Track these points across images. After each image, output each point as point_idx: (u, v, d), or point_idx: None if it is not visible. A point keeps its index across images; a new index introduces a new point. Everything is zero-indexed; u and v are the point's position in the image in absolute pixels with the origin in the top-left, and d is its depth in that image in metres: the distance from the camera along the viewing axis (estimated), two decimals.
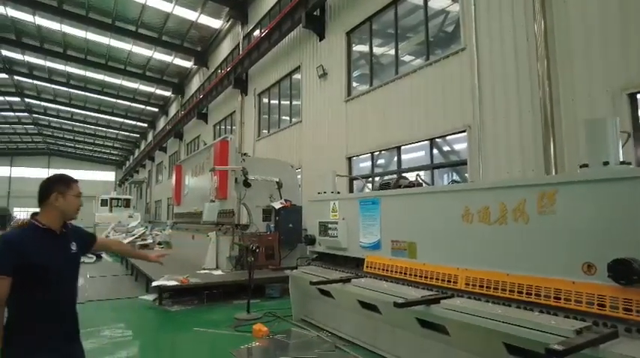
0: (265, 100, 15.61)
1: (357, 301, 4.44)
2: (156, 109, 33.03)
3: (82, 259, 9.06)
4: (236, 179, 8.75)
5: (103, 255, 15.43)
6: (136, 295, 7.76)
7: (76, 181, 2.40)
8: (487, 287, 3.25)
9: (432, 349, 3.69)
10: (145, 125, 37.87)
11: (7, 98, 34.08)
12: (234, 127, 17.94)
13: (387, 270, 4.36)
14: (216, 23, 19.69)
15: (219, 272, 8.10)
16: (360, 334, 4.68)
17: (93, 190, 46.09)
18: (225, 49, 19.72)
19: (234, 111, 17.91)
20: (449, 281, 3.61)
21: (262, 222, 9.12)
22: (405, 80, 8.42)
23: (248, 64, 15.49)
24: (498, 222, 3.27)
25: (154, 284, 6.83)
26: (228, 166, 8.56)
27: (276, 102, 14.70)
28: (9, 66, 27.41)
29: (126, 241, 16.98)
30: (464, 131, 7.09)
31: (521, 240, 3.08)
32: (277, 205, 9.09)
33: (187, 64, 24.25)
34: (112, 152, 53.12)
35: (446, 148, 7.94)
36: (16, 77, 29.36)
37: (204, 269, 8.48)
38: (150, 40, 21.29)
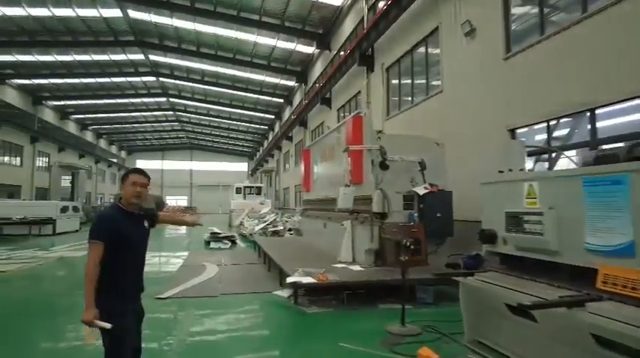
0: (395, 75, 14.12)
1: (591, 335, 2.85)
2: (281, 100, 33.86)
3: (219, 245, 11.93)
4: (373, 160, 7.54)
5: (237, 241, 15.84)
6: (270, 289, 7.12)
7: (135, 171, 2.94)
8: None
9: None
10: (272, 117, 39.36)
11: (156, 99, 38.47)
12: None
13: None
14: (337, 0, 18.73)
15: (357, 267, 7.02)
16: None
17: (228, 180, 50.46)
18: (347, 27, 18.66)
19: (359, 92, 16.79)
20: None
21: (403, 211, 7.80)
22: (602, 17, 6.14)
23: (375, 36, 14.16)
24: None
25: (290, 280, 6.02)
26: (364, 146, 7.37)
27: (408, 74, 13.08)
28: (155, 69, 30.59)
29: (258, 228, 17.30)
30: None
31: None
32: (421, 190, 7.65)
33: (309, 49, 23.91)
34: (243, 144, 57.09)
35: None
36: (161, 79, 32.74)
37: (340, 262, 7.52)
38: (273, 28, 21.33)
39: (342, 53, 18.52)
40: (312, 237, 10.80)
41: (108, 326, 2.54)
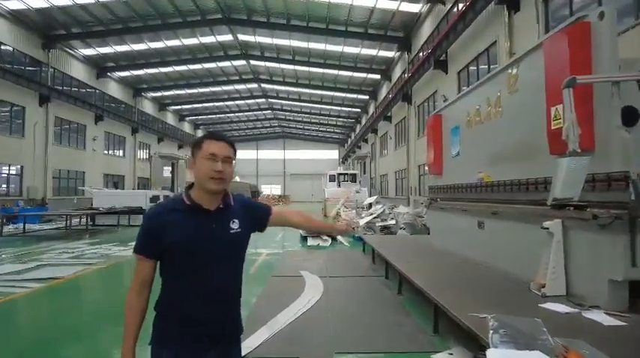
0: (557, 6, 9.94)
1: None
2: (377, 76, 30.34)
3: (317, 242, 10.93)
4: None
5: (339, 238, 13.00)
6: (422, 346, 3.98)
7: (212, 137, 1.66)
8: None
9: None
10: (366, 97, 36.13)
11: (248, 85, 37.36)
12: (493, 66, 12.83)
13: None
14: None
15: (600, 315, 3.51)
16: None
17: (319, 168, 48.88)
18: None
19: (494, 43, 12.75)
20: None
21: None
22: None
23: None
24: None
25: None
26: (606, 76, 3.77)
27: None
28: (245, 50, 28.98)
29: (362, 222, 14.25)
30: None
31: None
32: None
33: (416, 6, 20.05)
34: (334, 131, 55.42)
35: None
36: (251, 62, 31.16)
37: (544, 296, 4.09)
38: None
39: (459, 5, 14.59)
40: (451, 241, 7.44)
41: None
